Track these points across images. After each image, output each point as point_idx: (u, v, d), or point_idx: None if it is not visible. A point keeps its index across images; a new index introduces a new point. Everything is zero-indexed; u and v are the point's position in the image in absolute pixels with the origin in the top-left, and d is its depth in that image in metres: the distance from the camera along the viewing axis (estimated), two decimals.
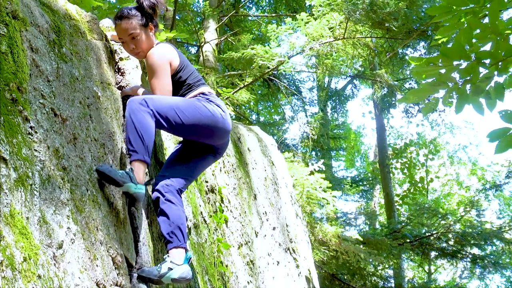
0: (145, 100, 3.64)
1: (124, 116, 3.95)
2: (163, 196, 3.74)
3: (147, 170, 3.72)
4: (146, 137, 3.55)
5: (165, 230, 3.68)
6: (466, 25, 4.07)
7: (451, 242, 15.91)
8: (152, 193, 3.83)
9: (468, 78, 4.00)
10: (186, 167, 4.06)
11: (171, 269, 3.48)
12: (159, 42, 4.21)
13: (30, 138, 2.53)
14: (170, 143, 4.96)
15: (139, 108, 3.59)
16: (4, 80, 2.45)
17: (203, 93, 4.06)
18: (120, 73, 4.37)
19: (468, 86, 4.04)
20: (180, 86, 4.10)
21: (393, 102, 20.08)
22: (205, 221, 5.19)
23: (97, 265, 2.79)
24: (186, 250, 3.69)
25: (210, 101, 4.00)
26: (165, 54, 4.00)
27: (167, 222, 3.69)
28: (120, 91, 4.14)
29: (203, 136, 4.06)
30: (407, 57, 15.87)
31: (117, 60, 4.41)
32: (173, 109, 3.75)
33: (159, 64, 3.93)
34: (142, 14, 4.03)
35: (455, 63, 3.99)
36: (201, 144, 4.18)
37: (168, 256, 3.59)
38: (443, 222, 16.31)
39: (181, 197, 3.87)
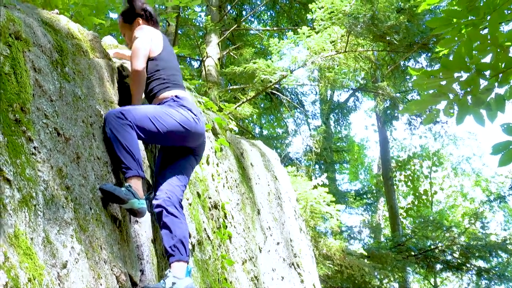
0: (122, 112, 3.66)
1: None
2: (166, 209, 3.79)
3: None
4: (134, 151, 3.60)
5: (168, 243, 3.71)
6: (466, 37, 4.09)
7: (456, 255, 15.82)
8: (154, 207, 3.85)
9: (469, 89, 4.01)
10: (178, 175, 4.10)
11: (175, 283, 3.49)
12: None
13: (33, 158, 2.54)
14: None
15: (119, 123, 3.60)
16: (8, 101, 2.46)
17: (176, 96, 4.16)
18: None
19: (469, 98, 4.05)
20: (154, 74, 4.24)
21: (396, 114, 20.07)
22: (209, 238, 5.18)
23: (101, 284, 2.79)
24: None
25: (183, 105, 4.08)
26: (149, 31, 4.35)
27: (169, 235, 3.72)
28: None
29: (178, 141, 4.14)
30: (409, 69, 15.90)
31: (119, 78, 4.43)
32: (149, 119, 3.81)
33: (142, 34, 4.28)
34: (124, 14, 4.64)
35: (455, 74, 4.01)
36: (178, 148, 4.24)
37: (169, 271, 3.59)
38: (447, 234, 16.21)
39: (182, 209, 3.92)
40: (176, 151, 4.25)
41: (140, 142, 3.93)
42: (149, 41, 4.26)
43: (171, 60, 4.40)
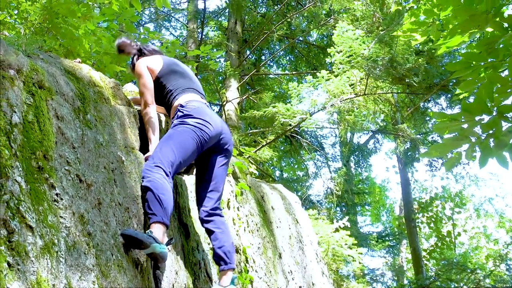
0: (154, 163, 3.85)
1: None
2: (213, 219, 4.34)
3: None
4: (164, 199, 3.67)
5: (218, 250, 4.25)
6: (486, 80, 4.08)
7: None
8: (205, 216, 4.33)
9: (491, 132, 3.97)
10: (212, 190, 4.47)
11: None
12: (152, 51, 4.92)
13: (55, 205, 2.56)
14: (194, 204, 4.98)
15: (153, 174, 3.77)
16: (31, 148, 2.50)
17: (180, 105, 4.37)
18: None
19: (491, 140, 4.02)
20: (162, 90, 4.53)
21: (417, 156, 19.97)
22: None
23: None
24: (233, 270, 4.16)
25: (189, 116, 4.28)
26: (143, 62, 4.61)
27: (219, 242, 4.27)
28: (143, 155, 4.19)
29: (201, 149, 4.30)
30: (429, 111, 15.87)
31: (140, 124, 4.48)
32: (174, 153, 4.00)
33: (138, 70, 4.56)
34: (131, 61, 4.95)
35: (477, 118, 3.98)
36: (206, 155, 4.52)
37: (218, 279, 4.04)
38: (472, 277, 15.96)
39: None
40: (201, 163, 4.54)
41: None
42: (146, 70, 4.54)
43: (174, 71, 4.65)
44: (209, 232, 4.33)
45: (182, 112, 4.32)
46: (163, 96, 4.52)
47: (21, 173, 2.34)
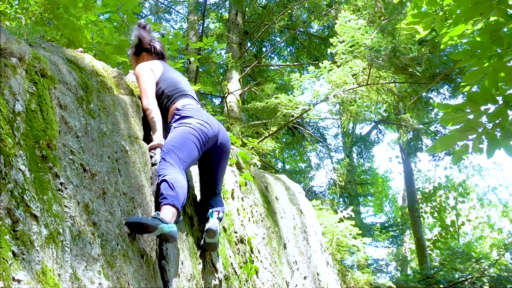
0: (167, 162, 3.97)
1: (152, 165, 4.12)
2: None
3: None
4: (177, 186, 3.78)
5: None
6: (491, 69, 4.03)
7: (486, 287, 15.51)
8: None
9: (497, 122, 3.92)
10: (213, 183, 4.73)
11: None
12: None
13: (60, 194, 2.54)
14: (199, 193, 4.96)
15: (168, 169, 3.89)
16: (34, 137, 2.47)
17: (177, 109, 4.49)
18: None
19: (497, 130, 3.97)
20: (160, 95, 4.61)
21: (420, 146, 19.93)
22: (236, 272, 5.13)
23: None
24: None
25: (188, 117, 4.39)
26: (147, 64, 4.73)
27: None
28: (147, 145, 4.18)
29: (203, 149, 4.39)
30: (431, 101, 15.83)
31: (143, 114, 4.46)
32: (181, 153, 4.10)
33: (141, 70, 4.63)
34: (136, 47, 5.06)
35: (482, 108, 3.93)
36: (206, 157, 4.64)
37: None
38: (477, 266, 15.93)
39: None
40: (206, 160, 4.67)
41: None
42: (149, 72, 4.64)
43: (171, 77, 4.75)
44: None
45: (180, 115, 4.43)
46: (160, 101, 4.58)
47: (24, 162, 2.32)
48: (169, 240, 3.52)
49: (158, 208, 3.72)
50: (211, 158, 4.62)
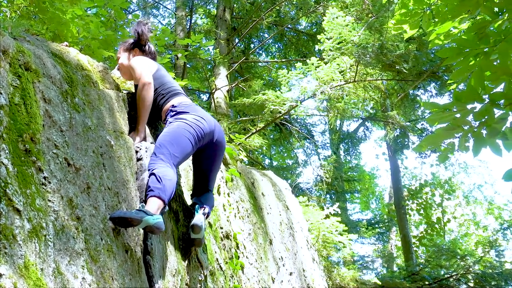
0: (157, 157, 3.97)
1: (137, 160, 4.13)
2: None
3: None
4: (165, 179, 3.77)
5: None
6: (477, 68, 4.05)
7: (471, 284, 15.56)
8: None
9: (483, 120, 3.94)
10: (205, 180, 4.74)
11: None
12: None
13: (43, 188, 2.52)
14: (185, 189, 4.96)
15: (158, 164, 3.89)
16: (18, 131, 2.46)
17: (173, 106, 4.52)
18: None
19: (483, 128, 3.99)
20: (154, 93, 4.59)
21: (406, 143, 19.99)
22: (221, 268, 5.13)
23: None
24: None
25: (184, 112, 4.42)
26: (144, 57, 4.78)
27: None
28: (133, 140, 4.17)
29: (198, 145, 4.38)
30: (418, 98, 15.89)
31: (128, 109, 4.44)
32: (174, 148, 4.10)
33: (140, 59, 4.70)
34: (131, 42, 4.95)
35: (469, 106, 3.94)
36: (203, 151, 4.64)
37: None
38: (462, 263, 16.02)
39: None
40: (202, 158, 4.68)
41: None
42: (149, 61, 4.74)
43: (165, 75, 4.78)
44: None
45: (176, 111, 4.45)
46: (154, 99, 4.57)
47: (7, 156, 2.30)
48: (155, 231, 3.51)
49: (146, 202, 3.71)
50: (206, 154, 4.62)
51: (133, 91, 4.78)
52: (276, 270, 6.89)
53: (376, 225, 24.26)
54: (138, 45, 4.97)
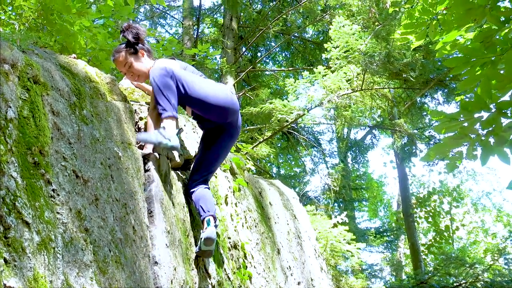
0: (165, 68, 4.29)
1: (145, 172, 4.11)
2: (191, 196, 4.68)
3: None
4: (170, 95, 4.20)
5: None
6: (484, 77, 4.05)
7: None
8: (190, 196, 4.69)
9: (491, 129, 3.94)
10: (210, 172, 4.84)
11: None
12: (157, 59, 4.93)
13: (52, 200, 2.54)
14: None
15: (161, 73, 4.23)
16: (27, 144, 2.47)
17: None
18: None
19: (491, 137, 3.99)
20: None
21: (414, 151, 19.96)
22: (229, 278, 5.13)
23: None
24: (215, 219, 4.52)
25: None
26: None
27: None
28: (141, 151, 4.18)
29: (214, 114, 4.63)
30: (425, 106, 15.87)
31: (137, 120, 4.46)
32: (187, 80, 4.40)
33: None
34: (129, 45, 4.69)
35: (476, 115, 3.94)
36: (213, 129, 4.82)
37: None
38: (471, 271, 15.93)
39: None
40: (209, 136, 4.83)
41: None
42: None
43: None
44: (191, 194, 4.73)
45: None
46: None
47: (17, 169, 2.32)
48: (172, 151, 4.37)
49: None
50: (223, 136, 4.80)
51: (141, 102, 4.79)
52: (284, 279, 6.88)
53: (385, 233, 24.19)
54: (139, 47, 4.81)
